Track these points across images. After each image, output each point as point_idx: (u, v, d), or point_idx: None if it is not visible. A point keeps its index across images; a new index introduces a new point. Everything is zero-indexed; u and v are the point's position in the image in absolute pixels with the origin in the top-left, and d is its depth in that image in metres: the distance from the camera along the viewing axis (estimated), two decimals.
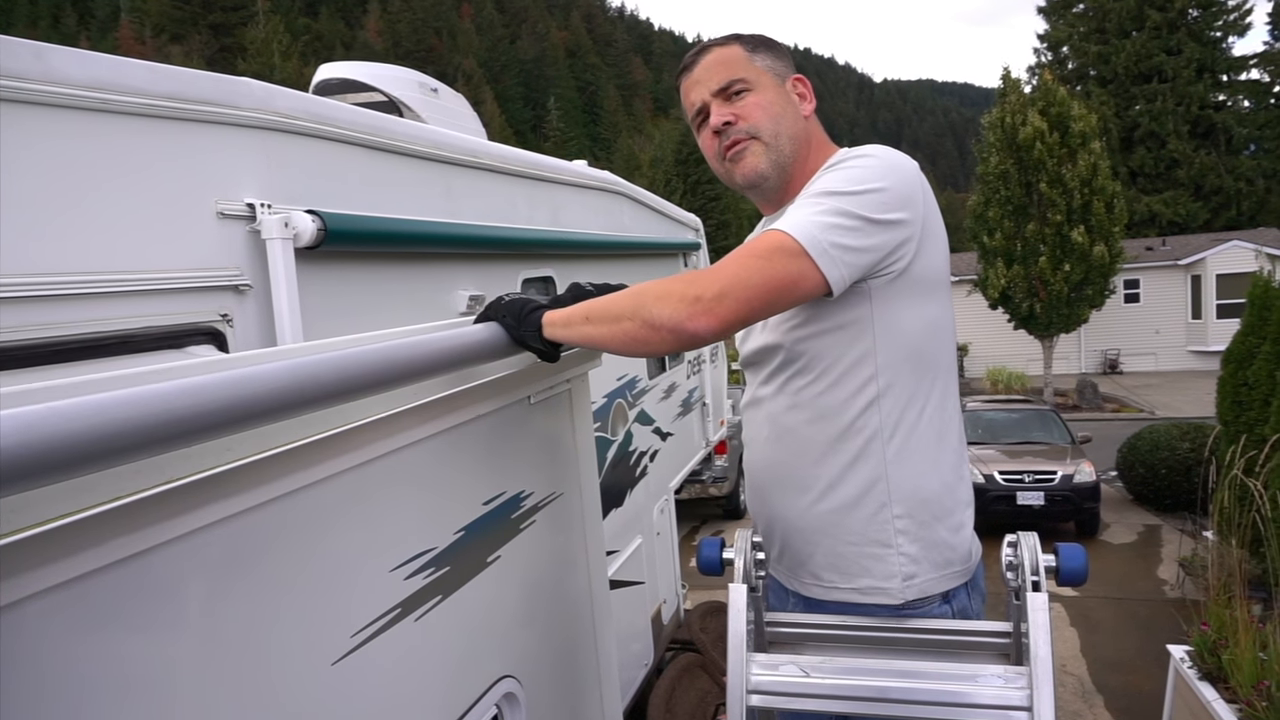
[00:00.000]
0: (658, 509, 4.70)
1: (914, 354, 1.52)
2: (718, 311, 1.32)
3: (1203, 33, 37.23)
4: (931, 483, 1.55)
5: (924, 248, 1.49)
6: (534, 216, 3.29)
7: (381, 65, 3.28)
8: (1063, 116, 18.91)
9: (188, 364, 0.84)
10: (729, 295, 1.33)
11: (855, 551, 1.56)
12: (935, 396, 1.56)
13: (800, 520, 1.61)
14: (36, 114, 1.39)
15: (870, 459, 1.53)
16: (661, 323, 1.33)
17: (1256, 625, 4.18)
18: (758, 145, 1.61)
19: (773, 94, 1.63)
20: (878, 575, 1.55)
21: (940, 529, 1.55)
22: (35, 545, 0.67)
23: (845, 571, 1.58)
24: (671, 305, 1.33)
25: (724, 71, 1.62)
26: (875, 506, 1.53)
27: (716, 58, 1.64)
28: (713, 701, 4.24)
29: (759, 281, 1.35)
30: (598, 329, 1.41)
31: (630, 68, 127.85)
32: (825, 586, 1.61)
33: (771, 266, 1.36)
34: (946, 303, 1.59)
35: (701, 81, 1.64)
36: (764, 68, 1.63)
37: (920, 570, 1.54)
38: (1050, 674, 1.32)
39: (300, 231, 1.84)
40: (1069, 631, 7.19)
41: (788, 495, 1.62)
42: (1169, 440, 10.08)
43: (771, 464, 1.65)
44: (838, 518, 1.56)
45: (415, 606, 1.22)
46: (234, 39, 62.70)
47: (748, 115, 1.60)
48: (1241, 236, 25.31)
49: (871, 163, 1.48)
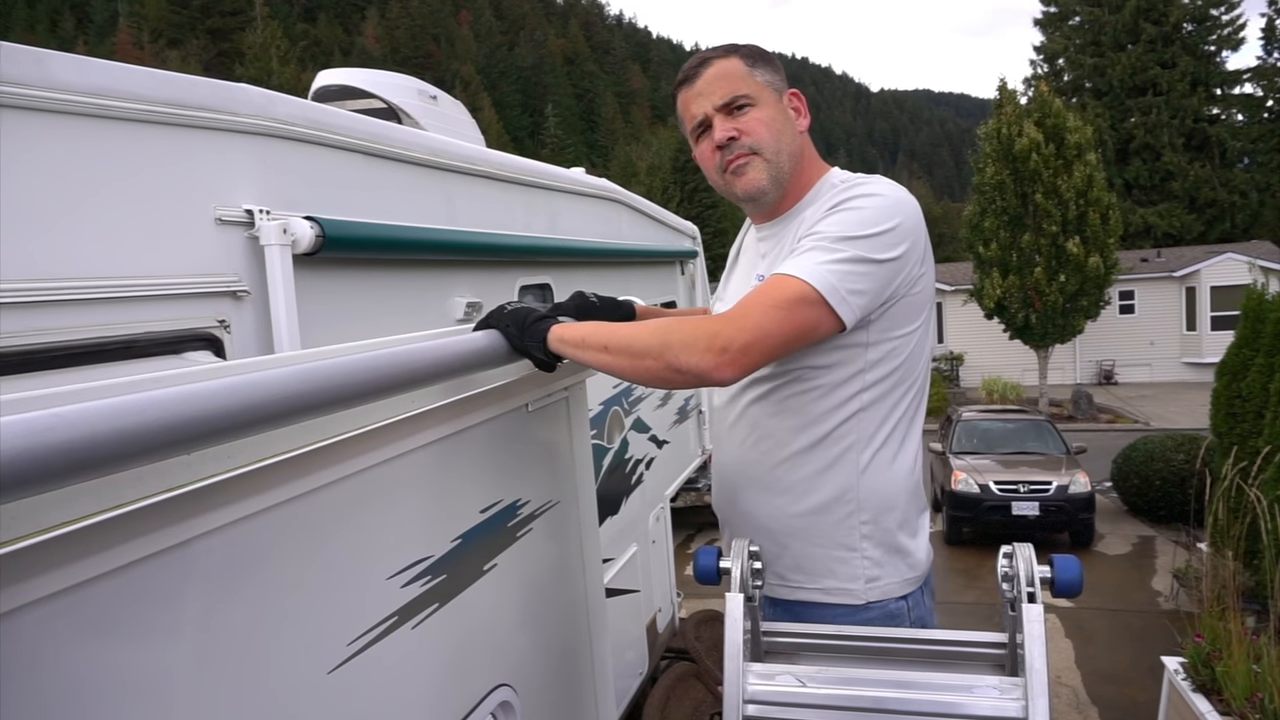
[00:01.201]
0: (653, 517, 4.69)
1: (897, 371, 1.59)
2: (742, 362, 1.40)
3: (1197, 47, 37.47)
4: (897, 491, 1.62)
5: (919, 274, 1.56)
6: (532, 224, 3.30)
7: (380, 72, 3.29)
8: (1058, 128, 19.02)
9: (189, 371, 0.84)
10: (754, 348, 1.40)
11: (822, 554, 1.63)
12: (908, 409, 1.63)
13: (771, 522, 1.67)
14: (36, 120, 1.39)
15: (844, 467, 1.60)
16: (689, 369, 1.40)
17: (1250, 637, 4.19)
18: (759, 161, 1.64)
19: (773, 110, 1.66)
20: (842, 577, 1.62)
21: (901, 535, 1.63)
22: (36, 552, 0.67)
23: (811, 573, 1.65)
24: (698, 354, 1.39)
25: (727, 86, 1.64)
26: (844, 513, 1.60)
27: (719, 71, 1.65)
28: (707, 710, 4.23)
29: (780, 332, 1.43)
30: (616, 360, 1.45)
31: (628, 75, 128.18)
32: (790, 587, 1.68)
33: (793, 316, 1.43)
34: (930, 322, 1.66)
35: (704, 94, 1.66)
36: (764, 82, 1.66)
37: (883, 573, 1.62)
38: (1046, 685, 1.32)
39: (298, 238, 1.84)
40: (1064, 643, 7.19)
41: (761, 496, 1.68)
42: (1163, 451, 10.11)
43: (747, 464, 1.71)
44: (808, 521, 1.62)
45: (412, 615, 1.22)
46: (232, 44, 62.81)
47: (751, 131, 1.63)
48: (1236, 249, 25.43)
49: (880, 202, 1.53)
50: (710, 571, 1.64)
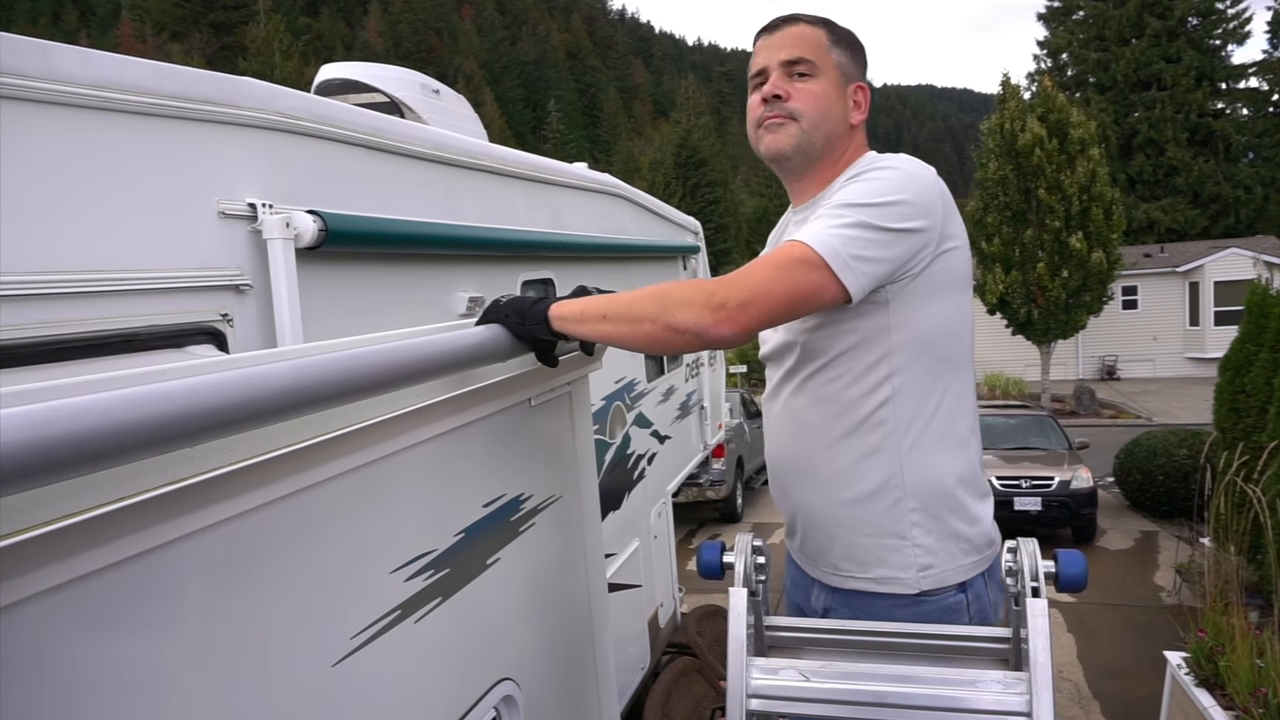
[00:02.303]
0: (655, 512, 4.69)
1: (930, 352, 1.56)
2: (740, 319, 1.38)
3: (1202, 41, 37.35)
4: (945, 476, 1.58)
5: (943, 251, 1.53)
6: (534, 218, 3.29)
7: (383, 66, 3.28)
8: (1062, 123, 18.97)
9: (198, 363, 0.84)
10: (752, 304, 1.39)
11: (871, 543, 1.60)
12: (952, 393, 1.60)
13: (818, 512, 1.66)
14: (40, 112, 1.39)
15: (886, 453, 1.57)
16: (686, 327, 1.38)
17: (1253, 632, 4.18)
18: (793, 126, 1.63)
19: (830, 88, 1.64)
20: (893, 565, 1.59)
21: (955, 520, 1.59)
22: (37, 545, 0.67)
23: (862, 562, 1.62)
24: (696, 311, 1.38)
25: (798, 47, 1.63)
26: (890, 500, 1.57)
27: (799, 31, 1.65)
28: (709, 705, 4.23)
29: (781, 292, 1.41)
30: (616, 328, 1.44)
31: (630, 70, 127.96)
32: (843, 576, 1.66)
33: (793, 277, 1.42)
34: (964, 301, 1.62)
35: (774, 47, 1.66)
36: (835, 62, 1.65)
37: (936, 561, 1.58)
38: (1050, 679, 1.32)
39: (301, 232, 1.84)
40: (1066, 637, 7.19)
41: (807, 487, 1.67)
42: (1166, 447, 10.08)
43: (791, 456, 1.70)
44: (854, 510, 1.60)
45: (415, 608, 1.22)
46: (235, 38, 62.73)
47: (802, 99, 1.63)
48: (1239, 244, 25.37)
49: (891, 174, 1.52)
50: (714, 566, 1.64)
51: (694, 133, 46.91)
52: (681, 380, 5.58)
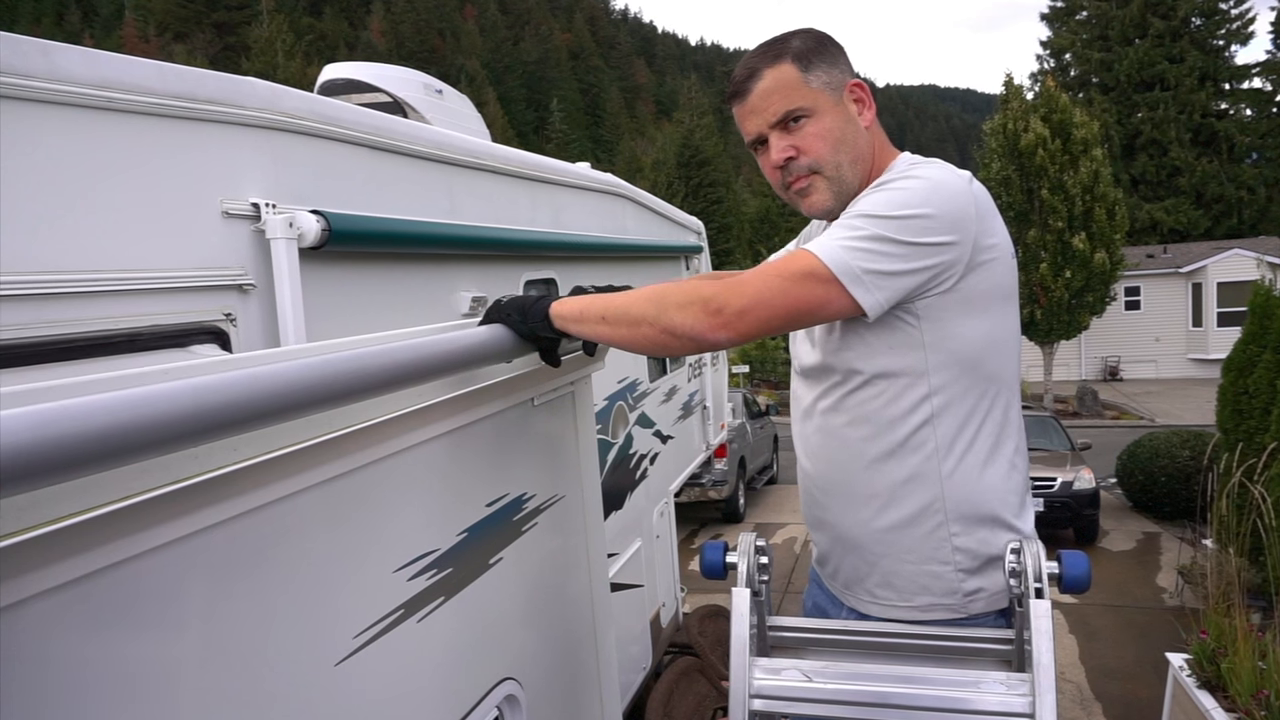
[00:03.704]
0: (657, 512, 4.69)
1: (970, 369, 1.49)
2: (737, 326, 1.35)
3: (1205, 41, 37.32)
4: (989, 498, 1.52)
5: (978, 264, 1.45)
6: (537, 218, 3.29)
7: (386, 66, 3.28)
8: (1065, 123, 18.95)
9: (196, 364, 0.84)
10: (749, 313, 1.35)
11: (913, 570, 1.54)
12: (996, 411, 1.53)
13: (855, 535, 1.59)
14: (43, 112, 1.39)
15: (927, 476, 1.51)
16: (683, 331, 1.36)
17: (1255, 634, 4.18)
18: (820, 181, 1.56)
19: (831, 117, 1.55)
20: (937, 592, 1.54)
21: (1000, 543, 1.52)
22: (42, 544, 0.67)
23: (901, 590, 1.56)
24: (693, 316, 1.35)
25: (781, 100, 1.54)
26: (932, 524, 1.52)
27: (771, 83, 1.55)
28: (710, 705, 4.23)
29: (781, 303, 1.37)
30: (614, 330, 1.42)
31: (633, 70, 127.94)
32: (882, 605, 1.59)
33: (796, 289, 1.37)
34: (1007, 315, 1.54)
35: (757, 111, 1.57)
36: (820, 86, 1.55)
37: (985, 584, 1.53)
38: (1053, 681, 1.32)
39: (304, 231, 1.84)
40: (1068, 639, 7.18)
41: (844, 509, 1.61)
42: (1169, 448, 10.07)
43: (828, 477, 1.64)
44: (895, 535, 1.54)
45: (418, 608, 1.22)
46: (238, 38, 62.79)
47: (808, 148, 1.55)
48: (1243, 245, 25.35)
49: (916, 184, 1.44)
50: (717, 566, 1.64)
51: (696, 133, 46.87)
52: (684, 380, 5.57)
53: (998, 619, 1.55)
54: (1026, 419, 7.63)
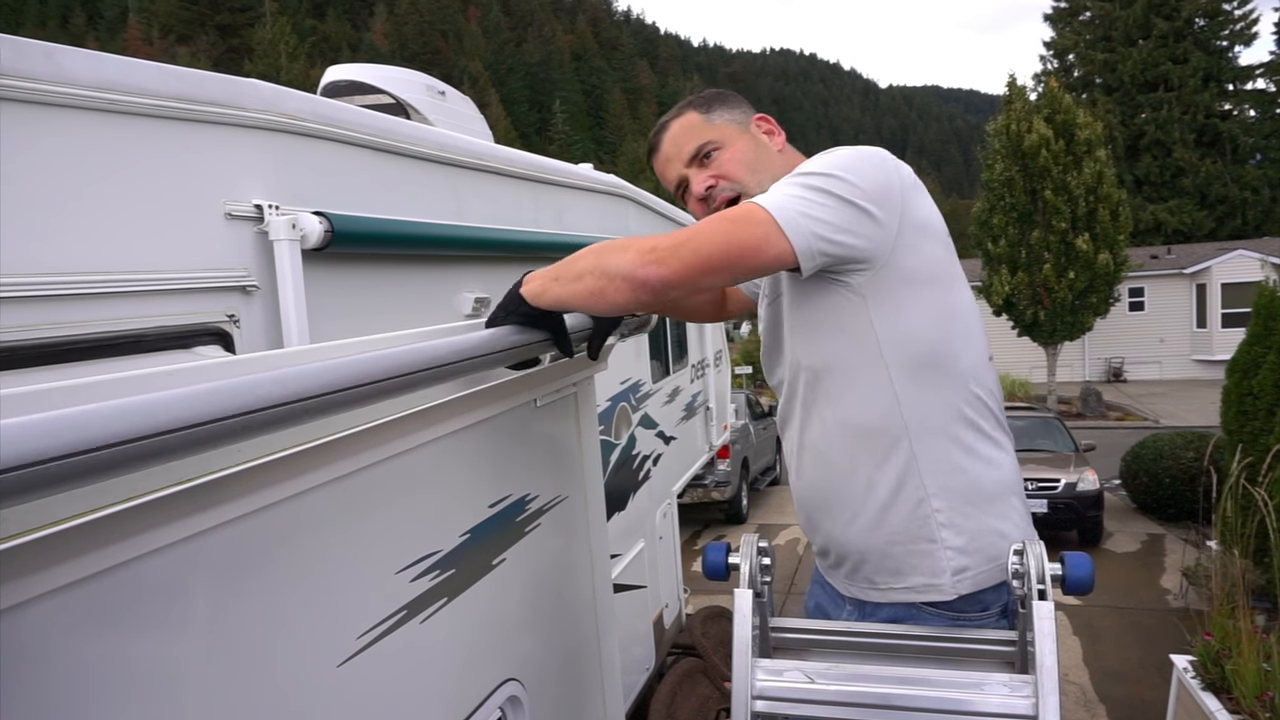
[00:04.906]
0: (660, 513, 4.69)
1: (927, 350, 1.50)
2: (670, 262, 1.35)
3: (1209, 42, 37.29)
4: (967, 470, 1.52)
5: (910, 241, 1.47)
6: (539, 219, 3.29)
7: (389, 67, 3.28)
8: (1068, 124, 18.92)
9: (248, 359, 0.84)
10: (684, 248, 1.36)
11: (903, 550, 1.54)
12: (961, 389, 1.52)
13: (846, 534, 1.61)
14: (46, 114, 1.39)
15: (899, 456, 1.51)
16: (617, 271, 1.37)
17: (1260, 636, 4.17)
18: (743, 197, 1.60)
19: (741, 145, 1.67)
20: (927, 572, 1.53)
21: (986, 517, 1.52)
22: (45, 545, 0.67)
23: (897, 572, 1.57)
24: (628, 256, 1.37)
25: (689, 140, 1.68)
26: (913, 502, 1.52)
27: (678, 130, 1.70)
28: (714, 706, 4.22)
29: (719, 240, 1.38)
30: (565, 288, 1.43)
31: (636, 71, 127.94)
32: (881, 589, 1.60)
33: (735, 229, 1.39)
34: (955, 294, 1.54)
35: (672, 157, 1.71)
36: (724, 122, 1.68)
37: (971, 563, 1.52)
38: (1056, 682, 1.32)
39: (307, 233, 1.84)
40: (1071, 640, 7.17)
41: (831, 514, 1.62)
42: (1173, 449, 10.06)
43: (812, 486, 1.66)
44: (878, 519, 1.55)
45: (421, 609, 1.22)
46: (241, 40, 62.94)
47: (726, 172, 1.65)
48: (1247, 246, 25.30)
49: (845, 151, 1.48)
50: (719, 567, 1.63)
51: None
52: (687, 381, 5.57)
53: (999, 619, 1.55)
54: (1031, 420, 7.65)
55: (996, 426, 1.59)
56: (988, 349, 1.61)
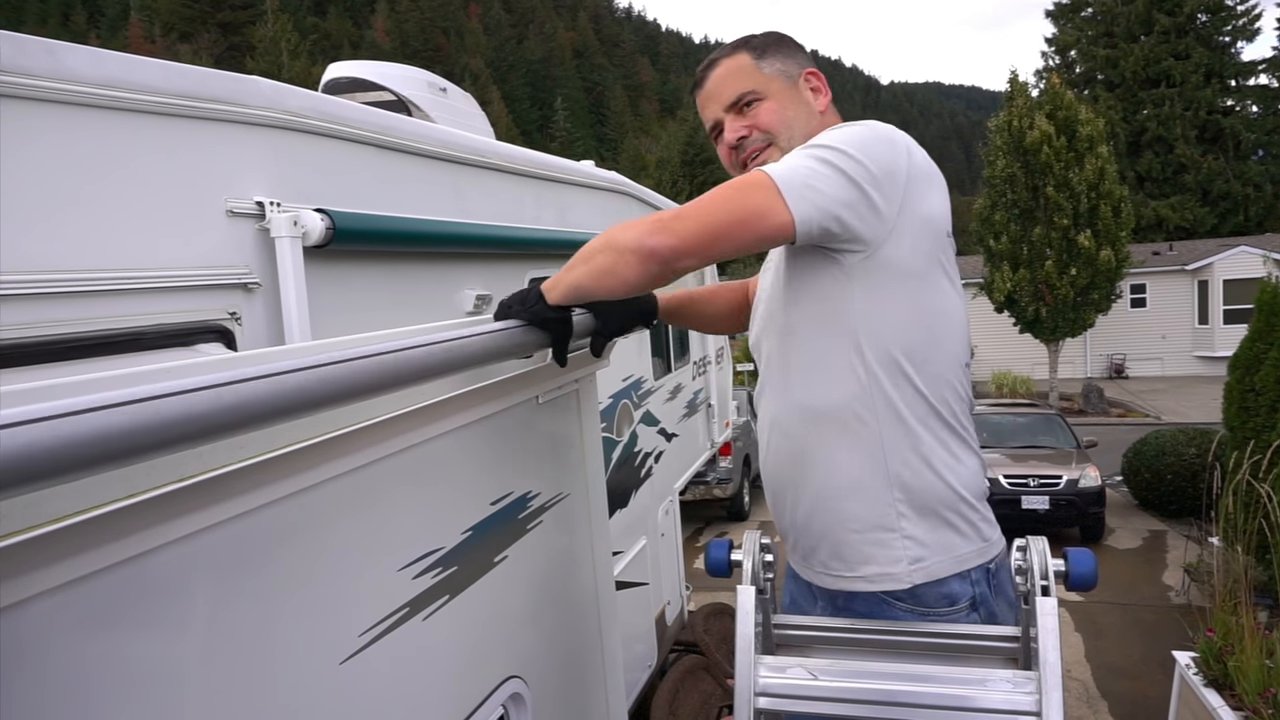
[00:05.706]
0: (662, 510, 4.69)
1: (902, 343, 1.49)
2: (675, 228, 1.38)
3: (1211, 38, 37.21)
4: (934, 466, 1.51)
5: (907, 230, 1.46)
6: (541, 216, 3.29)
7: (390, 64, 3.28)
8: (1070, 120, 18.89)
9: (255, 354, 0.84)
10: (688, 216, 1.40)
11: (859, 539, 1.53)
12: (934, 384, 1.52)
13: (803, 510, 1.60)
14: (48, 111, 1.39)
15: (865, 445, 1.51)
16: (625, 245, 1.39)
17: (1263, 632, 4.17)
18: (775, 152, 1.62)
19: (783, 98, 1.65)
20: (882, 561, 1.52)
21: (947, 513, 1.52)
22: (46, 542, 0.67)
23: (848, 560, 1.56)
24: (635, 229, 1.40)
25: (733, 84, 1.66)
26: (875, 491, 1.51)
27: (725, 70, 1.67)
28: (716, 703, 4.23)
29: (723, 207, 1.41)
30: (577, 273, 1.45)
31: (637, 68, 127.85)
32: (833, 576, 1.59)
33: (739, 195, 1.42)
34: (942, 294, 1.54)
35: (713, 97, 1.69)
36: (773, 73, 1.66)
37: (928, 554, 1.51)
38: (1059, 679, 1.32)
39: (309, 230, 1.84)
40: (1073, 637, 7.17)
41: (797, 491, 1.62)
42: (1175, 445, 10.05)
43: (777, 463, 1.66)
44: (838, 504, 1.54)
45: (423, 606, 1.22)
46: (242, 37, 62.93)
47: (761, 123, 1.64)
48: (1249, 242, 25.25)
49: (859, 129, 1.49)
50: (722, 564, 1.63)
51: (700, 131, 46.94)
52: (689, 378, 5.57)
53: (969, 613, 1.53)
54: (1032, 417, 7.65)
55: (965, 428, 1.59)
56: (968, 354, 1.62)
